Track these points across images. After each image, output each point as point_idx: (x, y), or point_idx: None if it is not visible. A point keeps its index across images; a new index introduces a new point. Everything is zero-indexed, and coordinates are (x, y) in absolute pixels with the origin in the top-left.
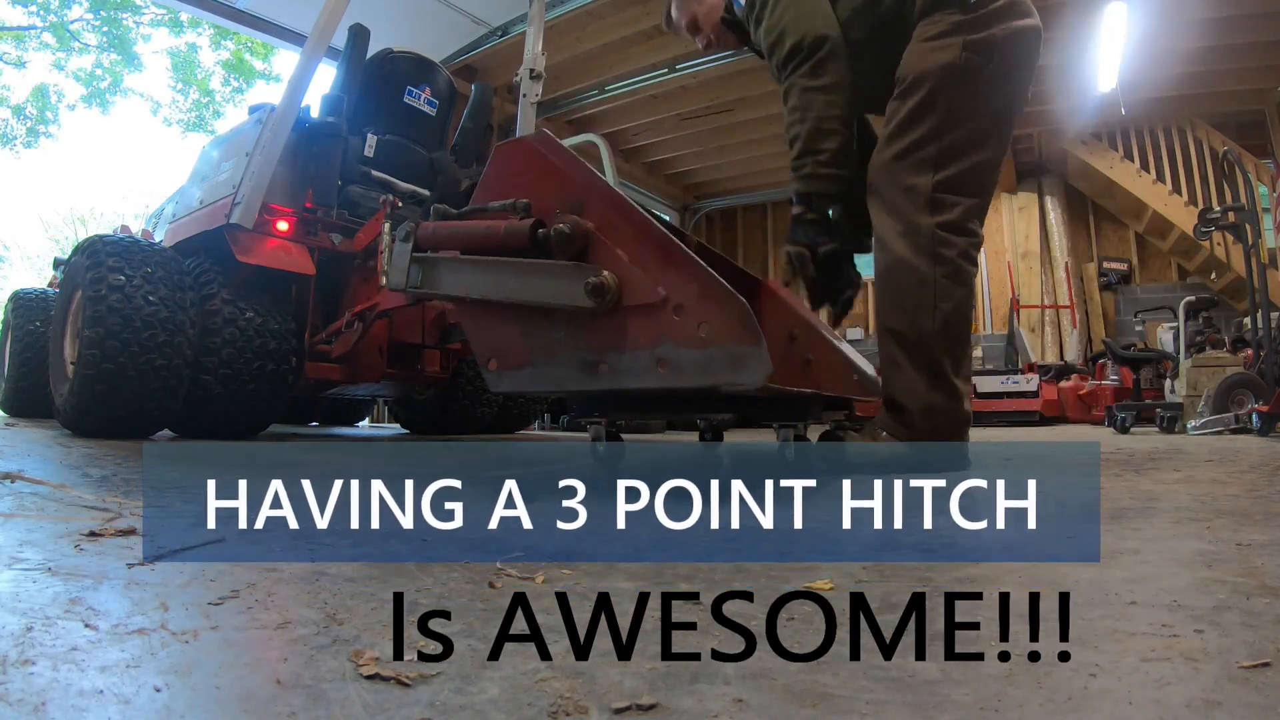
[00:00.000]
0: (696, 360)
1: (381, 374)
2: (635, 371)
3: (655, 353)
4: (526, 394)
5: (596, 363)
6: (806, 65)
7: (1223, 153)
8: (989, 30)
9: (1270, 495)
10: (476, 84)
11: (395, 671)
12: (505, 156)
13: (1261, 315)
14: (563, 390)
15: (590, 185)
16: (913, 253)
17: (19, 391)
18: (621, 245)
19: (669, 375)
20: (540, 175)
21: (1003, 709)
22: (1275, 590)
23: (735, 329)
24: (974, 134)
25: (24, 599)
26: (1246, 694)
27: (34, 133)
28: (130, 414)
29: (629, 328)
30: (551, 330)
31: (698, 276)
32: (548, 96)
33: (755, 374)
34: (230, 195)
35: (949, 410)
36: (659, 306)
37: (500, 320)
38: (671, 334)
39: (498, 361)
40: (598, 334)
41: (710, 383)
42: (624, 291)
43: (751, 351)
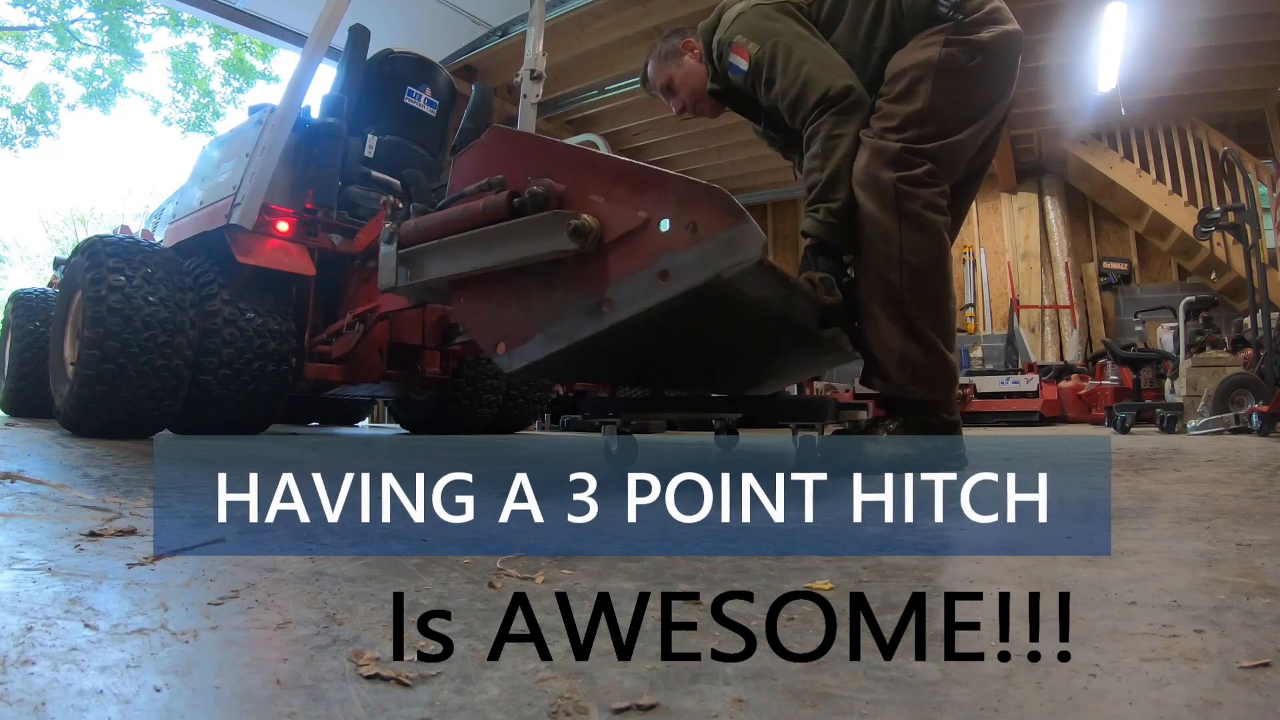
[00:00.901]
0: (693, 259)
1: (381, 375)
2: (639, 294)
3: (653, 269)
4: (538, 367)
5: (600, 303)
6: (830, 114)
7: (1223, 153)
8: (972, 34)
9: (1270, 495)
10: (476, 84)
11: (395, 671)
12: (465, 156)
13: (1261, 315)
14: (574, 341)
15: (553, 152)
16: (878, 208)
17: (19, 391)
18: (595, 192)
19: (672, 283)
20: (505, 158)
21: (1003, 709)
22: (1275, 590)
23: (721, 215)
24: (952, 121)
25: (24, 599)
26: (1246, 694)
27: (34, 132)
28: (130, 414)
29: (622, 258)
30: (550, 293)
31: (672, 187)
32: (548, 96)
33: (751, 248)
34: (230, 196)
35: (924, 363)
36: (644, 228)
37: (498, 301)
38: (665, 246)
39: (505, 343)
40: (594, 276)
41: (712, 272)
42: (607, 228)
43: (742, 229)
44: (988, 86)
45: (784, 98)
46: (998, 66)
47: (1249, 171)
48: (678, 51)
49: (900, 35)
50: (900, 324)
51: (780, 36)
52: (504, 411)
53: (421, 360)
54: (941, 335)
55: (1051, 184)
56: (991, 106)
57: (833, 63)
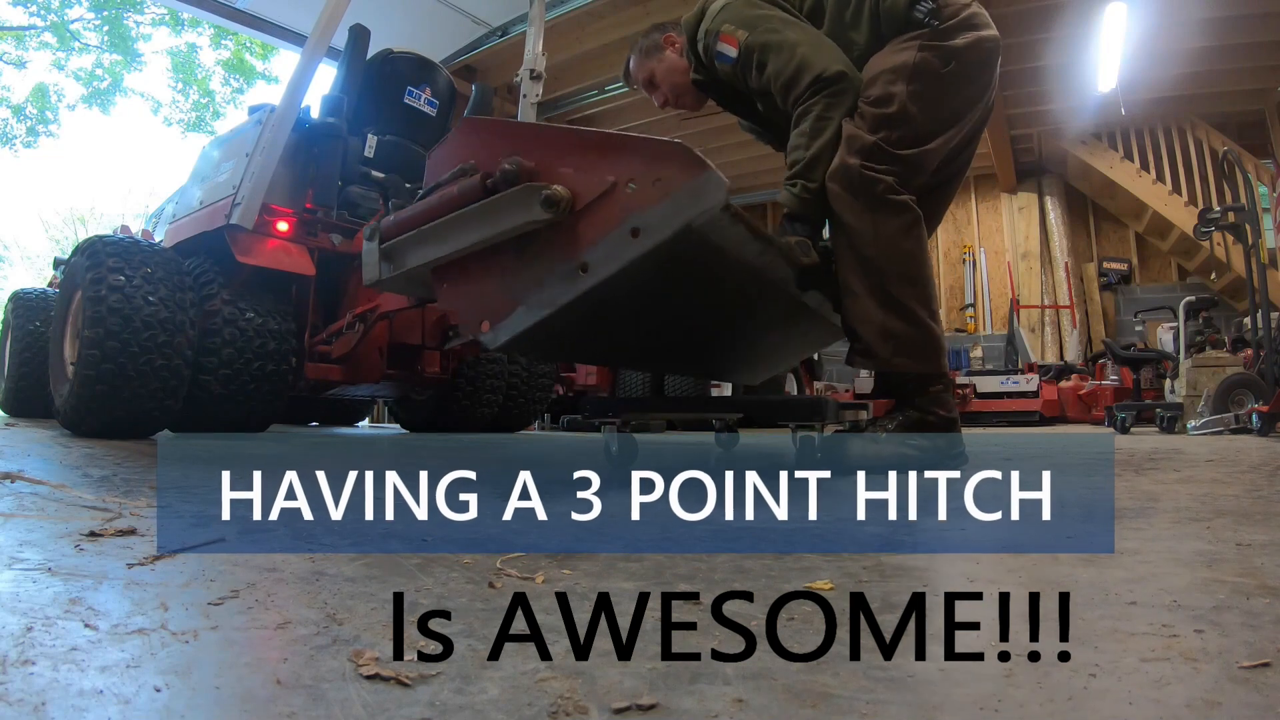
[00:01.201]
0: (663, 212)
1: (381, 375)
2: (613, 254)
3: (624, 228)
4: (523, 340)
5: (577, 267)
6: (823, 95)
7: (1223, 153)
8: (948, 41)
9: (1270, 495)
10: (476, 84)
11: (395, 671)
12: (439, 150)
13: (1261, 315)
14: (557, 307)
15: (520, 132)
16: (845, 190)
17: (19, 391)
18: (563, 164)
19: (644, 239)
20: (476, 145)
21: (1003, 709)
22: (1275, 590)
23: (685, 167)
24: (924, 127)
25: (24, 599)
26: (1246, 694)
27: (34, 133)
28: (130, 414)
29: (595, 222)
30: (529, 265)
31: (635, 147)
32: (548, 96)
33: (716, 193)
34: (230, 196)
35: (905, 334)
36: (613, 191)
37: (479, 281)
38: (634, 205)
39: (489, 320)
40: (569, 243)
41: (682, 222)
42: (577, 195)
43: (705, 177)
44: (963, 92)
45: (777, 79)
46: (973, 72)
47: (1249, 171)
48: (659, 46)
49: (879, 37)
50: (878, 296)
51: (770, 22)
52: (504, 411)
53: (421, 360)
54: (922, 305)
55: (1051, 184)
56: (967, 112)
57: (826, 46)
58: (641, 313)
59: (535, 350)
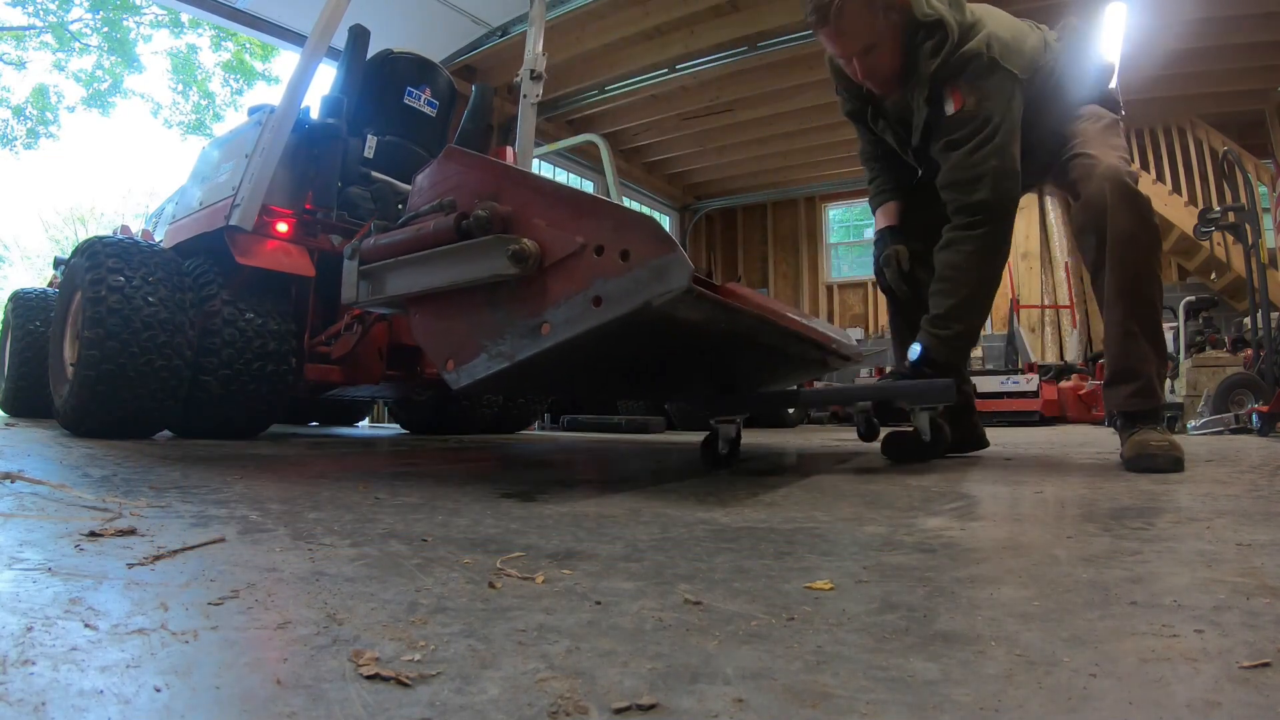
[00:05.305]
0: (625, 285)
1: (381, 375)
2: (574, 319)
3: (588, 294)
4: (485, 384)
5: (539, 325)
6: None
7: (1223, 153)
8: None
9: (1270, 495)
10: (476, 84)
11: (395, 671)
12: (423, 175)
13: (1261, 315)
14: (515, 361)
15: (503, 175)
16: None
17: (19, 391)
18: (538, 215)
19: (604, 309)
20: (459, 178)
21: (1003, 709)
22: (1275, 590)
23: (651, 244)
24: None
25: (24, 599)
26: (1246, 694)
27: (34, 134)
28: (130, 415)
29: (560, 282)
30: (494, 313)
31: (609, 214)
32: (548, 96)
33: (679, 277)
34: (230, 197)
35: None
36: (580, 253)
37: (448, 319)
38: (599, 272)
39: (454, 360)
40: (534, 298)
41: (642, 300)
42: (546, 251)
43: (670, 259)
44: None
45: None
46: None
47: (1249, 171)
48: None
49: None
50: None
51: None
52: (504, 412)
53: (421, 361)
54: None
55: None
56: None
57: (1013, 169)
58: (609, 356)
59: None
